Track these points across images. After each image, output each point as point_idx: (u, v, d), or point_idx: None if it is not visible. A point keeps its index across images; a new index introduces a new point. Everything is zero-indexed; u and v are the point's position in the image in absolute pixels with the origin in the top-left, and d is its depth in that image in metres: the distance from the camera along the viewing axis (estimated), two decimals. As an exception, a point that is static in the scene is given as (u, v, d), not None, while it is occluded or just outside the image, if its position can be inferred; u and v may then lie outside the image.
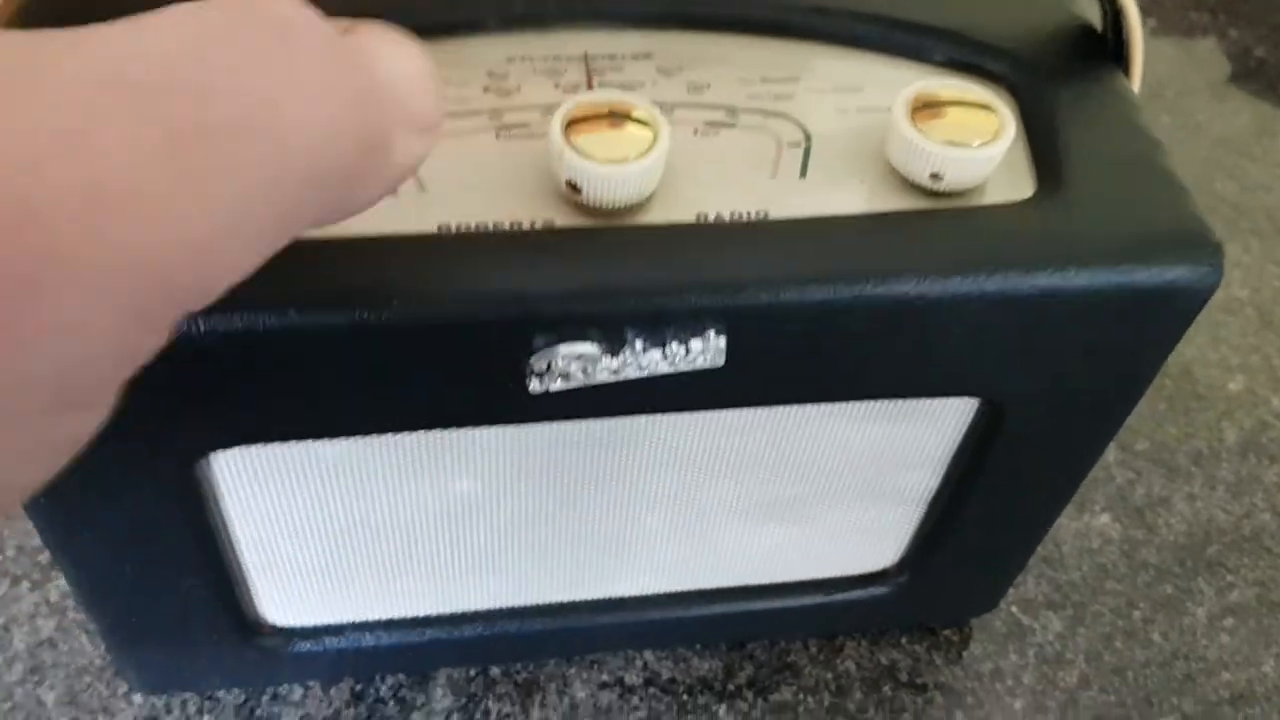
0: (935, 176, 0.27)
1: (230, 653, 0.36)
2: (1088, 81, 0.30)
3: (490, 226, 0.26)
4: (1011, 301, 0.27)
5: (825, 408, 0.31)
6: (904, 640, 0.43)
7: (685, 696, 0.41)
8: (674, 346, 0.26)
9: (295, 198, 0.17)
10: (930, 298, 0.26)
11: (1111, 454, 0.48)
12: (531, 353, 0.26)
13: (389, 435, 0.29)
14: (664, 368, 0.27)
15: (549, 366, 0.26)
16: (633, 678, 0.41)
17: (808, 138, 0.29)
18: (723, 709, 0.40)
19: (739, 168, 0.28)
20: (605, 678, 0.41)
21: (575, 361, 0.26)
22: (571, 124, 0.26)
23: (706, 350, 0.27)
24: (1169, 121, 0.61)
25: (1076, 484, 0.35)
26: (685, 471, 0.33)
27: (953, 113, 0.27)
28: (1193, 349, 0.52)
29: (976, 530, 0.37)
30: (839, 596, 0.40)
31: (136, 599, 0.33)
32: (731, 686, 0.41)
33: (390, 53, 0.19)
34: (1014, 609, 0.44)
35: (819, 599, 0.40)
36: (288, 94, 0.16)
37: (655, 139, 0.26)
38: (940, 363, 0.29)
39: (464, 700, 0.40)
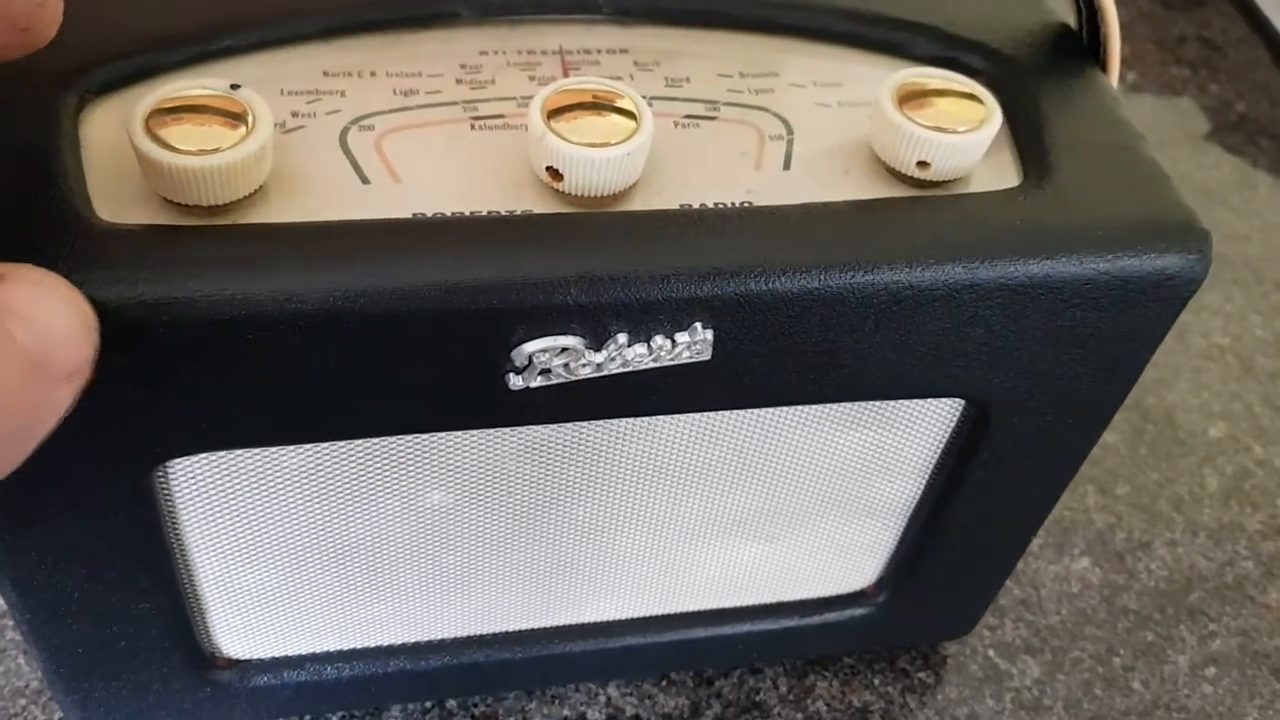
0: (923, 164, 0.27)
1: (182, 688, 0.34)
2: (1067, 76, 0.30)
3: (467, 215, 0.25)
4: (1000, 291, 0.26)
5: (804, 412, 0.30)
6: (876, 681, 0.41)
7: (649, 734, 0.39)
8: (660, 340, 0.26)
9: None
10: (920, 286, 0.26)
11: (1091, 498, 0.47)
12: (511, 346, 0.25)
13: (359, 441, 0.28)
14: (649, 363, 0.26)
15: (530, 361, 0.25)
16: (595, 714, 0.39)
17: (790, 130, 0.29)
18: (688, 748, 0.39)
19: (722, 159, 0.28)
20: (566, 713, 0.39)
21: (558, 356, 0.25)
22: (553, 112, 0.25)
23: (694, 344, 0.26)
24: (1150, 170, 0.61)
25: (1060, 490, 0.34)
26: (660, 485, 0.32)
27: (939, 102, 0.27)
28: (1175, 395, 0.51)
29: (957, 545, 0.36)
30: (815, 619, 0.38)
31: (83, 626, 0.31)
32: (697, 725, 0.39)
33: (42, 308, 0.19)
34: (990, 652, 0.42)
35: (795, 622, 0.38)
36: None
37: (638, 125, 0.25)
38: (927, 359, 0.28)
39: (417, 733, 0.38)
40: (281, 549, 0.31)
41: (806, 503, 0.34)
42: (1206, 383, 0.52)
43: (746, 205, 0.27)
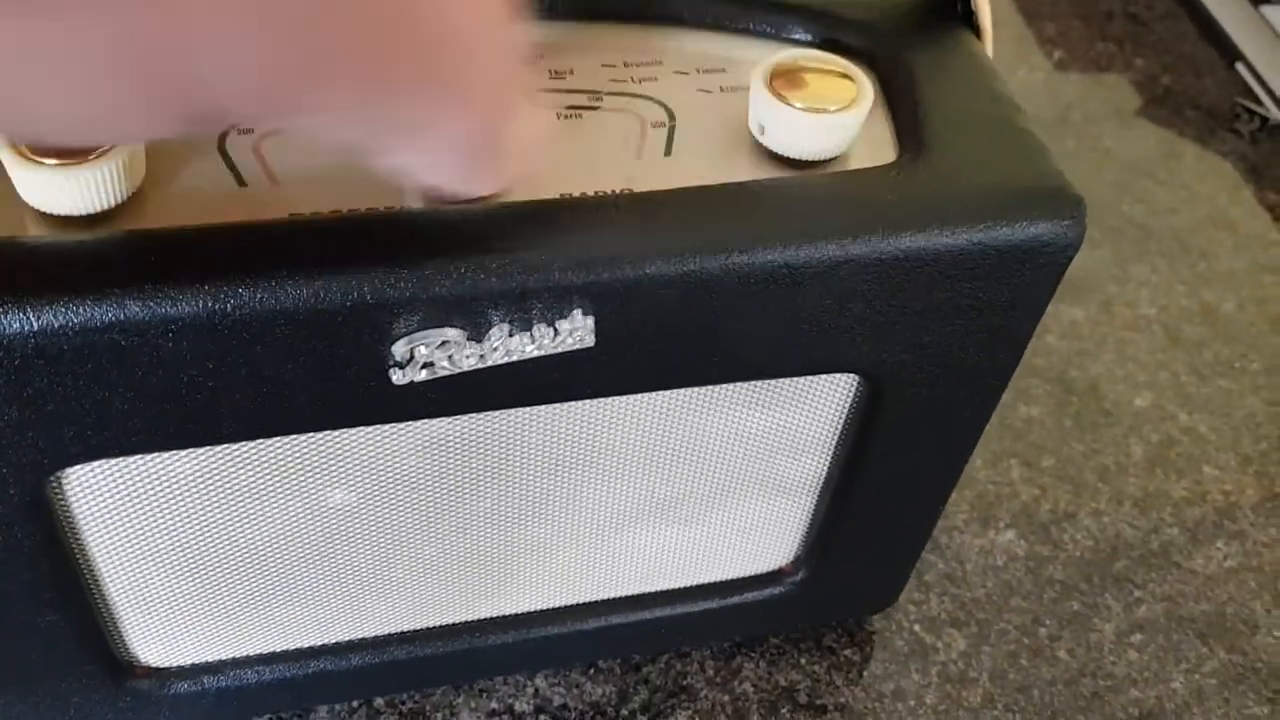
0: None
1: (102, 699, 0.34)
2: (944, 50, 0.31)
3: (345, 213, 0.25)
4: (875, 266, 0.27)
5: (703, 395, 0.30)
6: (803, 660, 0.41)
7: (577, 723, 0.39)
8: (541, 328, 0.26)
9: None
10: (794, 264, 0.26)
11: (1016, 471, 0.48)
12: (389, 341, 0.25)
13: (252, 443, 0.28)
14: (532, 351, 0.26)
15: (411, 355, 0.25)
16: (523, 705, 0.39)
17: (672, 117, 0.29)
18: (615, 735, 0.39)
19: (603, 149, 0.28)
20: (494, 705, 0.39)
21: (439, 349, 0.25)
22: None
23: (575, 331, 0.26)
24: (1075, 146, 0.61)
25: (962, 461, 0.35)
26: (565, 473, 0.32)
27: (812, 81, 0.27)
28: (1100, 366, 0.52)
29: (869, 519, 0.36)
30: (736, 600, 0.39)
31: None
32: (625, 712, 0.40)
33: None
34: (916, 627, 0.43)
35: (716, 604, 0.39)
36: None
37: None
38: (814, 336, 0.28)
39: (345, 732, 0.38)
40: (188, 554, 0.31)
41: (715, 484, 0.34)
42: (1132, 354, 0.53)
43: (625, 192, 0.27)
